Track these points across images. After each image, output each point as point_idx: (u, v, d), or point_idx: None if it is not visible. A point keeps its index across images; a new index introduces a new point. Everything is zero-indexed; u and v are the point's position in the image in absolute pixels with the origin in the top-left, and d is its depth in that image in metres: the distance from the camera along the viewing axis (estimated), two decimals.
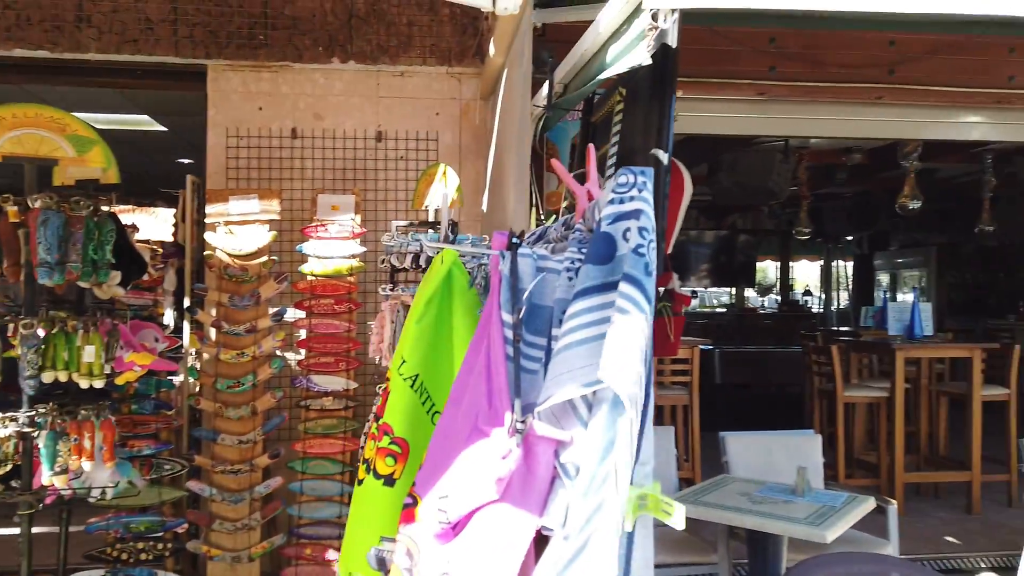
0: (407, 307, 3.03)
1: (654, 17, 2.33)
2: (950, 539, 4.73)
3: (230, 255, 3.84)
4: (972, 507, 5.25)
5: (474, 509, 1.17)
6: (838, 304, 14.33)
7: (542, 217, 3.80)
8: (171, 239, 4.61)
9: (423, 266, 3.07)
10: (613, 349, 1.12)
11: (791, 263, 14.33)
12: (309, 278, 3.83)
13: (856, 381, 6.14)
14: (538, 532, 1.19)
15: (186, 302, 4.12)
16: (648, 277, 1.12)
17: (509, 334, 1.26)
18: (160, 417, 3.71)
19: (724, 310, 14.09)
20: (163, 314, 4.21)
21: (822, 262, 14.34)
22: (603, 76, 2.73)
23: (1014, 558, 3.86)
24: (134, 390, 3.60)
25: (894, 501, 3.38)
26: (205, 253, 3.88)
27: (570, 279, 1.29)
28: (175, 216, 4.49)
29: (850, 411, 5.83)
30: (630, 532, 1.13)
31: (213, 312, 3.83)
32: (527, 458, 1.16)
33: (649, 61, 2.39)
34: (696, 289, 13.39)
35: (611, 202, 1.19)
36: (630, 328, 1.10)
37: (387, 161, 4.37)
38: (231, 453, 3.74)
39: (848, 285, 14.19)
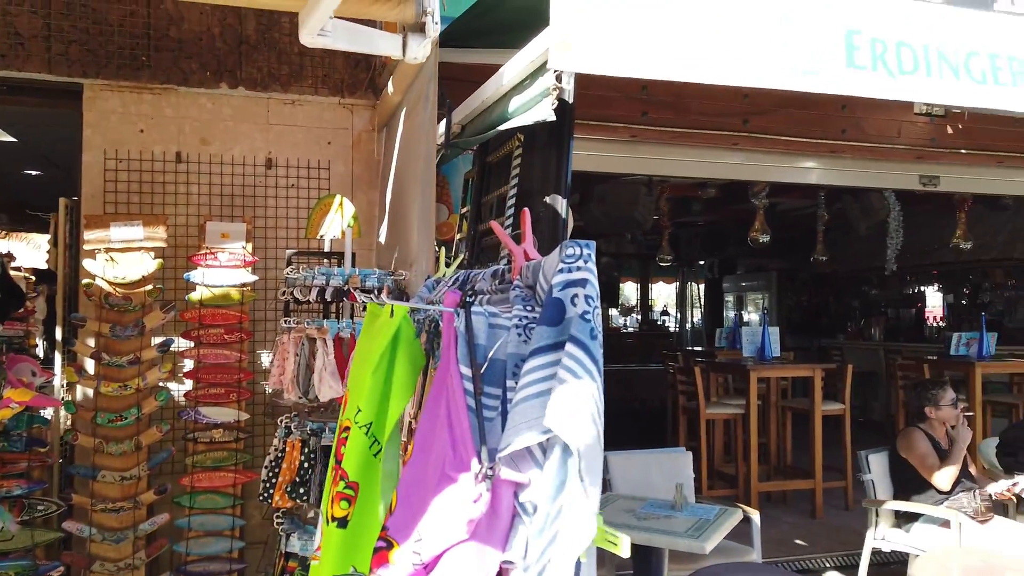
0: (312, 340, 3.08)
1: (558, 79, 2.57)
2: (799, 542, 5.25)
3: (111, 283, 3.70)
4: (816, 512, 5.84)
5: (445, 549, 1.29)
6: (692, 323, 15.33)
7: (436, 248, 3.95)
8: (45, 266, 4.34)
9: (328, 300, 3.14)
10: (558, 401, 1.29)
11: (650, 284, 15.21)
12: (198, 307, 3.75)
13: (715, 399, 6.67)
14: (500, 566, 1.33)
15: (58, 332, 3.91)
16: (593, 341, 1.31)
17: (468, 386, 1.39)
18: (32, 455, 3.50)
19: None
20: (36, 345, 3.97)
21: (677, 284, 15.31)
22: (506, 127, 2.93)
23: (855, 556, 4.36)
24: (3, 426, 3.39)
25: (756, 512, 3.76)
26: (84, 281, 3.72)
27: (519, 335, 1.45)
28: (49, 242, 4.25)
29: (711, 426, 6.32)
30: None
31: (91, 343, 3.67)
32: (492, 499, 1.30)
33: (553, 118, 2.62)
34: None
35: (560, 271, 1.36)
36: (574, 384, 1.28)
37: (278, 189, 4.35)
38: (112, 490, 3.59)
39: (700, 305, 15.24)
